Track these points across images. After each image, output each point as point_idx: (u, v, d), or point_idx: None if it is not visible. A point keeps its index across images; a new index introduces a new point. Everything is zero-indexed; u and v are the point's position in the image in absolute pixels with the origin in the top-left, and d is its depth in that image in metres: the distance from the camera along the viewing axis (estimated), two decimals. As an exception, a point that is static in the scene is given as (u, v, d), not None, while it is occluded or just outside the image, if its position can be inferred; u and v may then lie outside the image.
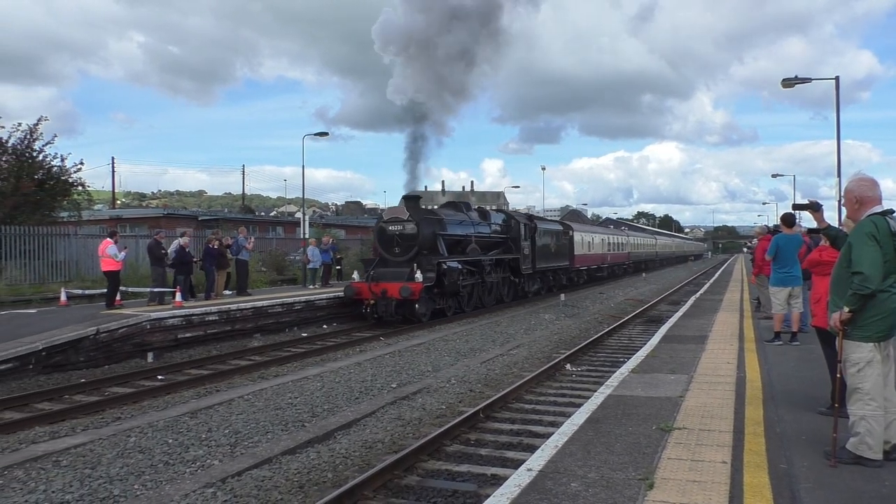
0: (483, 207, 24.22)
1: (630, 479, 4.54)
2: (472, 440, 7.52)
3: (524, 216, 26.08)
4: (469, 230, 21.10)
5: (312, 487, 6.05)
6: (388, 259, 18.51)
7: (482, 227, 22.29)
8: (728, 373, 8.30)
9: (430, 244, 18.46)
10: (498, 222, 23.58)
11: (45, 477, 6.20)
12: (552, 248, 27.67)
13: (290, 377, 10.72)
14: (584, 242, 34.04)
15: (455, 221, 20.50)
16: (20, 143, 21.63)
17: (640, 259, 52.90)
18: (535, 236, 25.18)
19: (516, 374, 11.34)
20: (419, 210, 19.08)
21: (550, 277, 28.40)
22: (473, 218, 21.95)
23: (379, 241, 18.89)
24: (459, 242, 20.36)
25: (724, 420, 6.03)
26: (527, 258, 24.39)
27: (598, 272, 37.79)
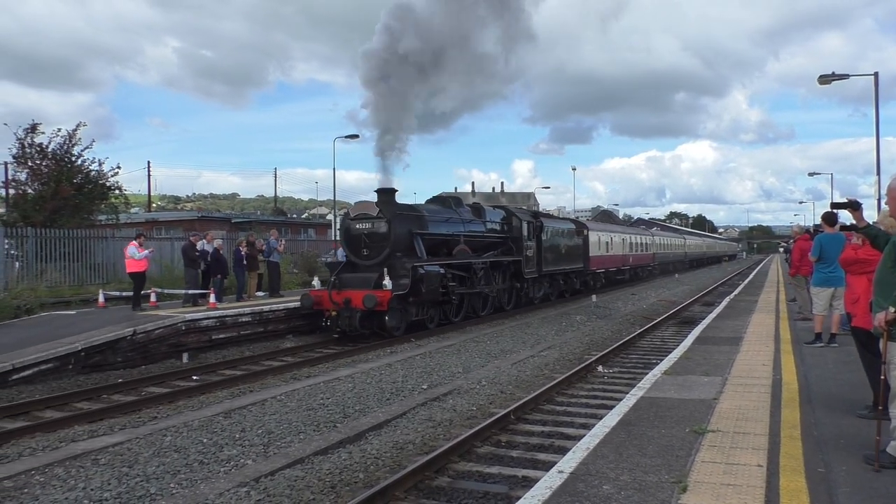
0: (478, 203, 21.34)
1: (663, 482, 4.49)
2: (502, 442, 7.50)
3: (528, 213, 23.21)
4: (457, 229, 18.41)
5: (344, 488, 6.09)
6: (357, 263, 16.01)
7: (474, 225, 19.57)
8: (764, 375, 8.17)
9: (405, 245, 15.96)
10: (495, 220, 20.82)
11: (84, 475, 6.34)
12: (562, 249, 25.09)
13: (322, 378, 10.81)
14: (602, 243, 31.38)
15: (439, 219, 17.80)
16: (60, 148, 22.15)
17: (667, 260, 49.87)
18: (541, 236, 22.65)
19: (547, 375, 11.28)
20: (392, 205, 16.22)
21: (561, 282, 25.69)
22: (464, 215, 19.26)
23: (345, 241, 16.37)
24: (445, 243, 17.82)
25: (759, 423, 5.94)
26: (531, 260, 21.76)
27: (619, 275, 34.97)
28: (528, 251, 21.42)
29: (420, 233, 16.45)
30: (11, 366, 10.46)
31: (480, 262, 18.67)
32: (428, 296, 15.67)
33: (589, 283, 29.31)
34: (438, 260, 16.69)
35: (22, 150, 21.70)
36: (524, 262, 21.10)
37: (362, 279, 15.29)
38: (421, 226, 16.74)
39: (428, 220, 17.12)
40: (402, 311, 15.31)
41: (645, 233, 45.78)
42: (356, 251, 16.05)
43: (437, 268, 16.08)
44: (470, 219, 19.49)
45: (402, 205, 16.80)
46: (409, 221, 16.41)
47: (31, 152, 21.70)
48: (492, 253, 19.94)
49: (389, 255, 15.55)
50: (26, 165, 21.72)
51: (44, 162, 21.78)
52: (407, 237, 16.08)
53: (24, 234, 19.43)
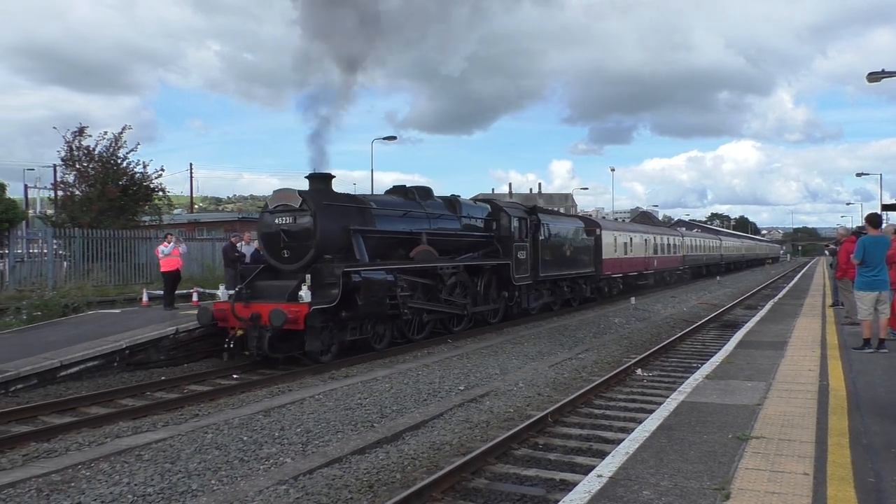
0: (456, 196, 17.61)
1: (705, 489, 4.40)
2: (540, 444, 7.45)
3: (521, 209, 19.76)
4: (420, 226, 15.07)
5: (381, 487, 6.11)
6: (278, 267, 12.82)
7: (445, 221, 16.16)
8: (810, 380, 7.96)
9: (338, 245, 12.76)
10: (476, 216, 17.49)
11: (128, 470, 6.48)
12: (567, 250, 21.65)
13: (360, 378, 10.88)
14: (618, 244, 27.71)
15: (392, 213, 14.60)
16: (106, 151, 22.72)
17: (700, 263, 45.50)
18: (537, 235, 19.35)
19: (585, 378, 11.17)
20: (321, 194, 12.98)
21: (566, 289, 22.28)
22: (431, 209, 15.81)
23: (262, 240, 13.18)
24: (404, 243, 14.67)
25: (805, 430, 5.79)
26: (523, 264, 18.32)
27: (640, 280, 31.13)
28: (519, 253, 18.11)
29: (362, 230, 13.24)
30: (59, 363, 10.77)
31: (450, 266, 15.39)
32: (368, 309, 12.44)
33: (603, 289, 25.93)
34: (387, 264, 13.56)
35: (70, 152, 22.32)
36: (514, 266, 17.73)
37: (280, 289, 11.99)
38: (364, 221, 13.54)
39: (375, 213, 13.96)
40: (330, 329, 12.04)
41: (673, 233, 41.62)
42: (275, 252, 12.79)
43: (384, 274, 12.99)
44: (439, 213, 16.05)
45: (337, 194, 13.59)
46: (344, 215, 13.05)
47: (78, 155, 22.31)
48: (470, 255, 16.77)
49: (315, 257, 12.38)
50: (74, 168, 22.35)
51: (91, 164, 22.36)
52: (341, 235, 12.81)
53: (72, 235, 19.96)
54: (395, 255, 14.41)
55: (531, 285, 19.22)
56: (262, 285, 12.44)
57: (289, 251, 12.63)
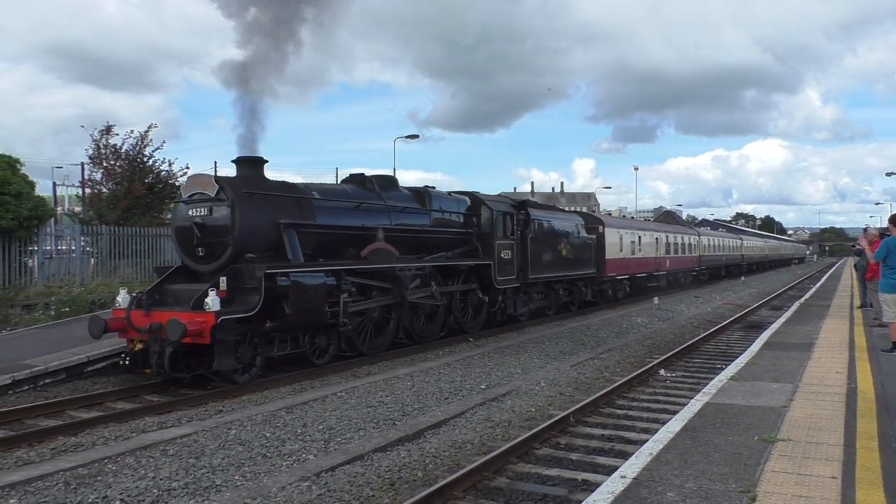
0: (430, 188, 15.83)
1: (730, 492, 4.35)
2: (562, 444, 7.41)
3: (507, 202, 17.59)
4: (377, 221, 13.02)
5: (403, 485, 6.12)
6: (194, 268, 10.98)
7: (410, 216, 14.15)
8: (837, 383, 7.84)
9: (265, 242, 10.86)
10: (451, 210, 15.51)
11: (153, 464, 6.56)
12: (563, 249, 19.51)
13: (381, 376, 10.91)
14: (624, 243, 25.45)
15: (341, 205, 12.54)
16: (132, 149, 23.01)
17: (718, 264, 42.78)
18: (526, 232, 17.35)
19: (607, 378, 11.11)
20: (244, 181, 11.12)
21: (561, 292, 20.13)
22: (393, 201, 13.78)
23: (175, 235, 11.29)
24: (356, 240, 12.54)
25: (833, 433, 5.70)
26: (508, 264, 16.34)
27: (651, 282, 28.68)
28: (503, 252, 16.19)
29: (297, 224, 11.27)
30: (87, 358, 10.94)
31: (412, 266, 13.43)
32: (300, 318, 10.56)
33: (606, 292, 23.76)
34: (328, 264, 11.57)
35: (97, 150, 22.64)
36: (496, 267, 15.80)
37: (191, 294, 9.94)
38: (301, 214, 11.54)
39: (318, 205, 11.94)
40: (252, 342, 10.20)
41: (688, 231, 38.70)
42: (189, 250, 10.92)
43: (322, 276, 11.03)
44: (403, 207, 14.03)
45: (270, 182, 11.63)
46: (274, 207, 11.08)
47: (105, 153, 22.62)
48: (443, 255, 14.86)
49: (234, 256, 10.49)
50: (101, 166, 22.66)
51: (117, 162, 22.66)
52: (269, 230, 10.87)
53: (99, 232, 20.25)
54: (346, 254, 12.38)
55: (519, 288, 17.18)
56: (173, 289, 10.61)
57: (204, 249, 10.67)
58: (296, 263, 10.85)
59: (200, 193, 10.84)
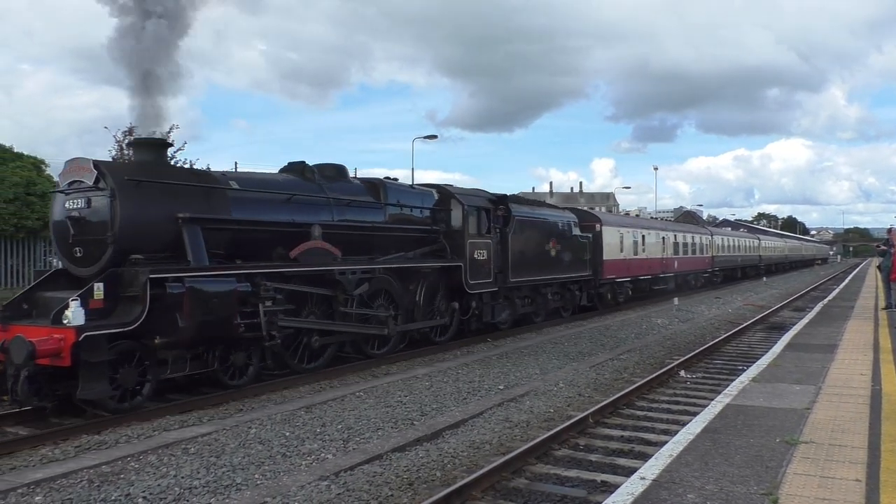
0: (394, 178, 14.47)
1: (752, 494, 4.31)
2: (581, 445, 7.39)
3: (483, 197, 15.53)
4: (314, 215, 11.19)
5: (422, 485, 6.13)
6: (74, 272, 9.20)
7: (361, 210, 12.33)
8: (861, 385, 7.74)
9: (159, 240, 9.08)
10: (413, 205, 13.67)
11: (175, 463, 6.63)
12: (552, 249, 17.59)
13: (400, 375, 10.94)
14: (626, 242, 23.53)
15: (264, 198, 10.63)
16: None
17: (733, 265, 40.64)
18: (506, 230, 15.65)
19: (627, 379, 11.05)
20: (134, 167, 9.74)
21: (550, 296, 18.13)
22: (336, 192, 11.86)
23: (52, 231, 9.68)
24: (284, 239, 10.64)
25: (857, 435, 5.62)
26: (483, 266, 14.53)
27: (656, 284, 27.04)
28: (477, 252, 14.45)
29: (203, 219, 9.45)
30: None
31: (357, 269, 11.42)
32: (200, 332, 8.75)
33: (605, 296, 21.97)
34: (240, 267, 9.66)
35: (120, 151, 22.96)
36: (468, 269, 14.08)
37: (57, 303, 8.20)
38: (208, 207, 9.68)
39: (234, 197, 10.12)
40: (138, 363, 8.44)
41: (699, 230, 36.27)
42: (65, 249, 9.24)
43: (231, 281, 9.17)
44: (351, 200, 12.09)
45: (172, 168, 10.16)
46: (172, 198, 9.24)
47: (128, 154, 22.93)
48: (401, 255, 13.10)
49: (115, 258, 8.69)
50: (124, 167, 22.97)
51: (140, 163, 22.94)
52: (163, 227, 9.08)
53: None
54: (274, 255, 10.52)
55: (498, 293, 15.39)
56: (45, 298, 8.91)
57: (81, 248, 8.96)
58: (195, 266, 8.96)
59: (79, 182, 9.08)
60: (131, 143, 9.97)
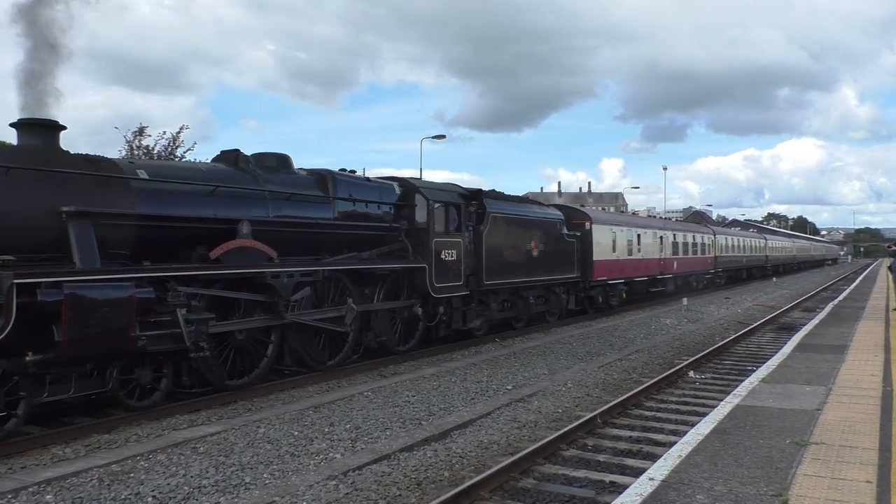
0: (353, 170, 12.76)
1: (761, 495, 4.29)
2: (589, 445, 7.37)
3: (454, 192, 14.17)
4: (243, 211, 9.80)
5: (430, 485, 6.13)
6: None
7: (303, 205, 10.88)
8: (872, 386, 7.69)
9: (35, 238, 7.84)
10: (368, 199, 12.16)
11: (184, 462, 6.65)
12: (533, 249, 16.24)
13: (408, 375, 10.95)
14: (619, 242, 22.15)
15: (177, 189, 9.17)
16: (164, 150, 23.42)
17: (738, 266, 39.24)
18: (480, 228, 14.33)
19: (635, 379, 11.02)
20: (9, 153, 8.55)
21: (532, 300, 16.70)
22: (275, 185, 10.48)
23: None
24: (207, 237, 9.26)
25: (868, 436, 5.59)
26: (451, 268, 13.24)
27: (654, 286, 25.65)
28: (444, 252, 13.09)
29: (97, 213, 8.13)
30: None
31: (294, 272, 10.12)
32: (84, 347, 7.43)
33: (595, 299, 20.55)
34: (139, 269, 8.33)
35: (130, 151, 23.08)
36: (433, 271, 12.74)
37: None
38: (105, 199, 8.36)
39: (141, 188, 8.71)
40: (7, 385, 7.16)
41: (701, 229, 34.64)
42: None
43: (129, 286, 7.84)
44: (291, 194, 10.66)
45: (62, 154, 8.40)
46: (51, 188, 7.93)
47: (138, 154, 23.06)
48: (353, 255, 11.68)
49: None
50: (134, 167, 23.09)
51: (150, 164, 23.06)
52: (44, 222, 7.82)
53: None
54: (193, 256, 9.23)
55: (470, 297, 14.03)
56: None
57: None
58: (78, 269, 7.66)
59: None
60: (16, 123, 8.34)
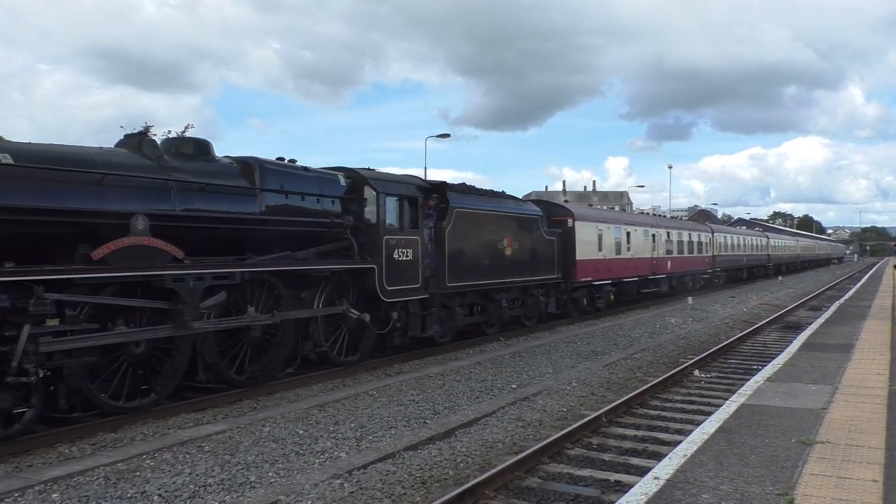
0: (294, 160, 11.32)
1: (767, 494, 4.28)
2: (594, 444, 7.37)
3: (412, 184, 12.75)
4: (141, 203, 8.46)
5: (434, 484, 6.14)
6: None
7: (219, 198, 9.43)
8: (878, 385, 7.66)
9: None
10: (304, 191, 10.69)
11: (190, 460, 6.67)
12: (507, 248, 14.97)
13: (412, 374, 10.95)
14: (606, 240, 20.77)
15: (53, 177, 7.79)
16: (169, 151, 23.44)
17: (738, 265, 38.02)
18: (442, 225, 13.01)
19: (640, 378, 11.00)
20: None
21: (504, 303, 15.29)
22: (184, 173, 9.09)
23: None
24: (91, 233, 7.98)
25: (874, 435, 5.57)
26: (407, 269, 11.86)
27: (646, 287, 24.21)
28: (398, 252, 11.69)
29: None
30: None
31: (205, 274, 8.71)
32: None
33: (579, 301, 19.20)
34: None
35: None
36: (384, 272, 11.33)
37: None
38: None
39: (4, 175, 7.38)
40: None
41: (697, 227, 33.08)
42: None
43: None
44: (205, 184, 9.22)
45: None
46: None
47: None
48: (284, 255, 10.29)
49: None
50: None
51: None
52: None
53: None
54: (75, 255, 7.89)
55: (430, 300, 12.72)
56: None
57: None
58: None
59: None
60: None
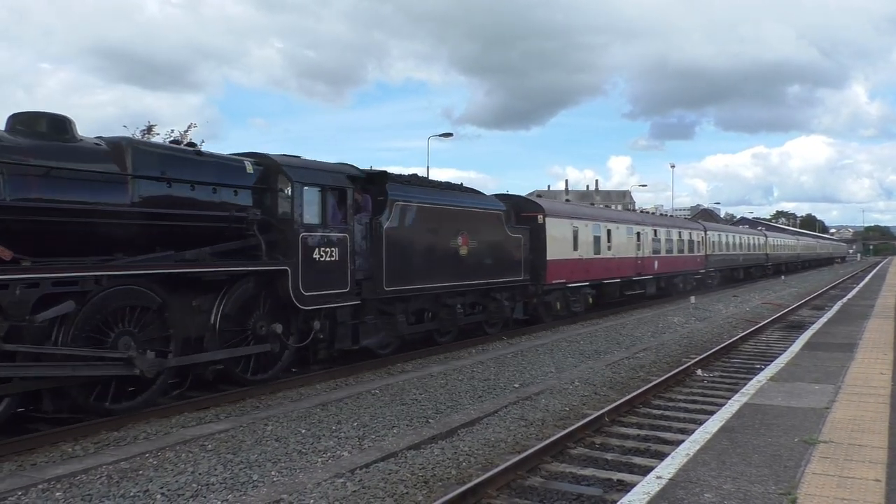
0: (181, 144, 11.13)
1: (770, 494, 4.27)
2: (596, 444, 7.36)
3: (340, 173, 11.12)
4: None
5: (437, 483, 6.14)
6: None
7: (72, 186, 7.83)
8: (881, 384, 7.65)
9: None
10: (197, 179, 9.24)
11: (192, 459, 6.68)
12: (461, 247, 13.56)
13: (415, 373, 10.95)
14: (582, 238, 19.07)
15: None
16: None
17: (733, 265, 36.25)
18: (380, 220, 11.55)
19: (643, 377, 10.99)
20: None
21: (459, 308, 13.78)
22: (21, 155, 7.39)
23: None
24: None
25: (877, 435, 5.56)
26: (331, 270, 10.43)
27: (628, 288, 22.41)
28: (319, 251, 10.29)
29: None
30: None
31: (37, 279, 7.07)
32: None
33: (551, 306, 17.61)
34: None
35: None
36: (300, 275, 9.91)
37: None
38: None
39: None
40: None
41: (688, 225, 31.14)
42: None
43: None
44: (50, 168, 7.60)
45: None
46: None
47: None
48: (167, 255, 8.84)
49: None
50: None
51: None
52: None
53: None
54: None
55: (365, 307, 11.30)
56: None
57: None
58: None
59: None
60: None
